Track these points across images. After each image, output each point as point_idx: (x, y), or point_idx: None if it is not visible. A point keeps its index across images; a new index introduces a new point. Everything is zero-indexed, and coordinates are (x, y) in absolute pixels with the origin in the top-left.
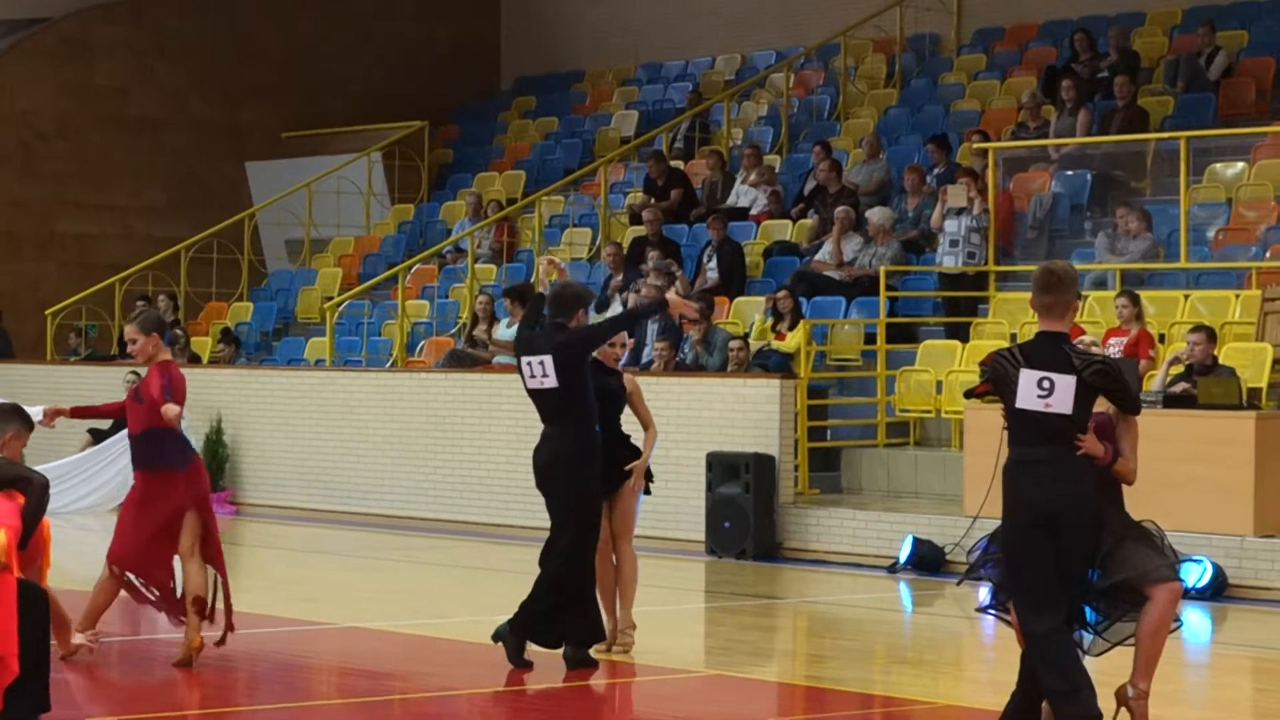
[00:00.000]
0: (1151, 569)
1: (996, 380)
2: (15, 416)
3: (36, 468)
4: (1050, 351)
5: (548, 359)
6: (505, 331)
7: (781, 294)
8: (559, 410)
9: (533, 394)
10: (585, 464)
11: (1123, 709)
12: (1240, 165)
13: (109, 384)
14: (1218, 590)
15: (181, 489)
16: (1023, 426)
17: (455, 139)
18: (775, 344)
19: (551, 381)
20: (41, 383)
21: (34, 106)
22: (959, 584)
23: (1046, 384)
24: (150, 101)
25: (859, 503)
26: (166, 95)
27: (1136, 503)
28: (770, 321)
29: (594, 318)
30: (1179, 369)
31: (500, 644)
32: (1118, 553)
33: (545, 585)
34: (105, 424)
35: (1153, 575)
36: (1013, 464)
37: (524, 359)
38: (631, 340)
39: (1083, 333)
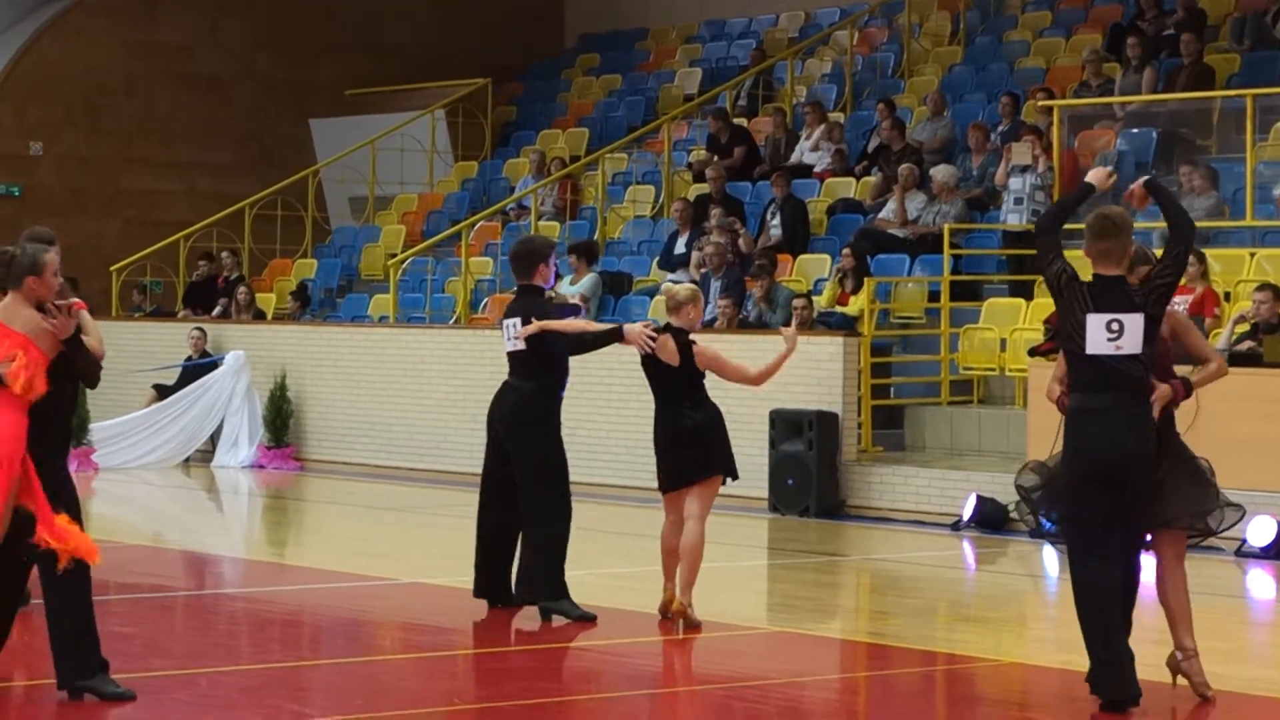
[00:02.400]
0: (1175, 515)
1: (1063, 306)
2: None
3: (102, 423)
4: (1115, 294)
5: (517, 322)
6: (568, 288)
7: (845, 253)
8: (523, 368)
9: (508, 354)
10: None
11: (1179, 676)
12: None
13: (174, 340)
14: None
15: None
16: (1090, 372)
17: (519, 96)
18: (839, 308)
19: (520, 343)
20: (106, 339)
21: (99, 64)
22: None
23: (1116, 326)
24: (215, 59)
25: (922, 460)
26: (231, 52)
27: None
28: (837, 279)
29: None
30: (1244, 327)
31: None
32: (1166, 486)
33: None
34: (170, 379)
35: (1174, 523)
36: (1077, 411)
37: (504, 321)
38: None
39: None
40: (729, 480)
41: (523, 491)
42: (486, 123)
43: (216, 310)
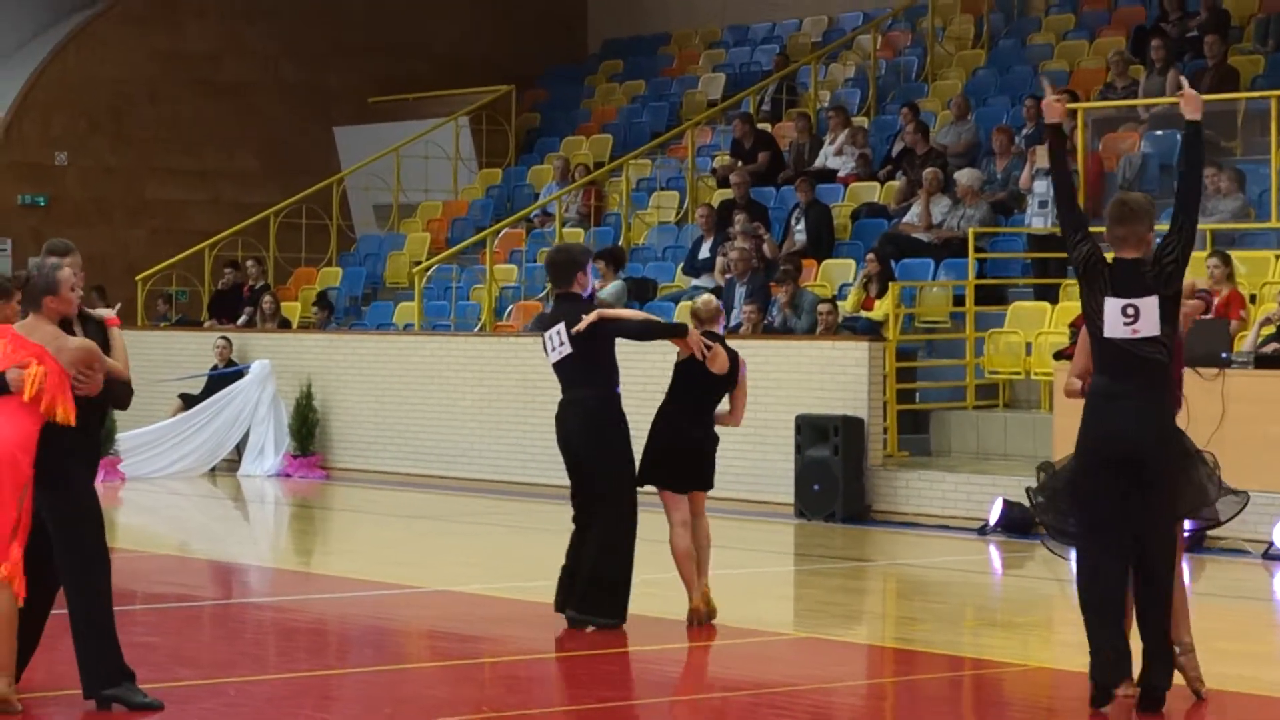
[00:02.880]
0: (1183, 506)
1: (1085, 287)
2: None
3: (128, 433)
4: (1130, 278)
5: (561, 327)
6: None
7: (870, 257)
8: (577, 376)
9: (554, 366)
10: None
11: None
12: None
13: (199, 349)
14: None
15: None
16: (1110, 356)
17: (542, 103)
18: (864, 313)
19: (567, 348)
20: (132, 348)
21: (124, 73)
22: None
23: (1131, 311)
24: (240, 67)
25: (948, 465)
26: (256, 60)
27: (1228, 465)
28: (862, 284)
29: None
30: (1270, 329)
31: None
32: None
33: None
34: (196, 389)
35: (1179, 513)
36: (1096, 395)
37: (544, 334)
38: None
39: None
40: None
41: (596, 506)
42: (510, 129)
43: (242, 319)
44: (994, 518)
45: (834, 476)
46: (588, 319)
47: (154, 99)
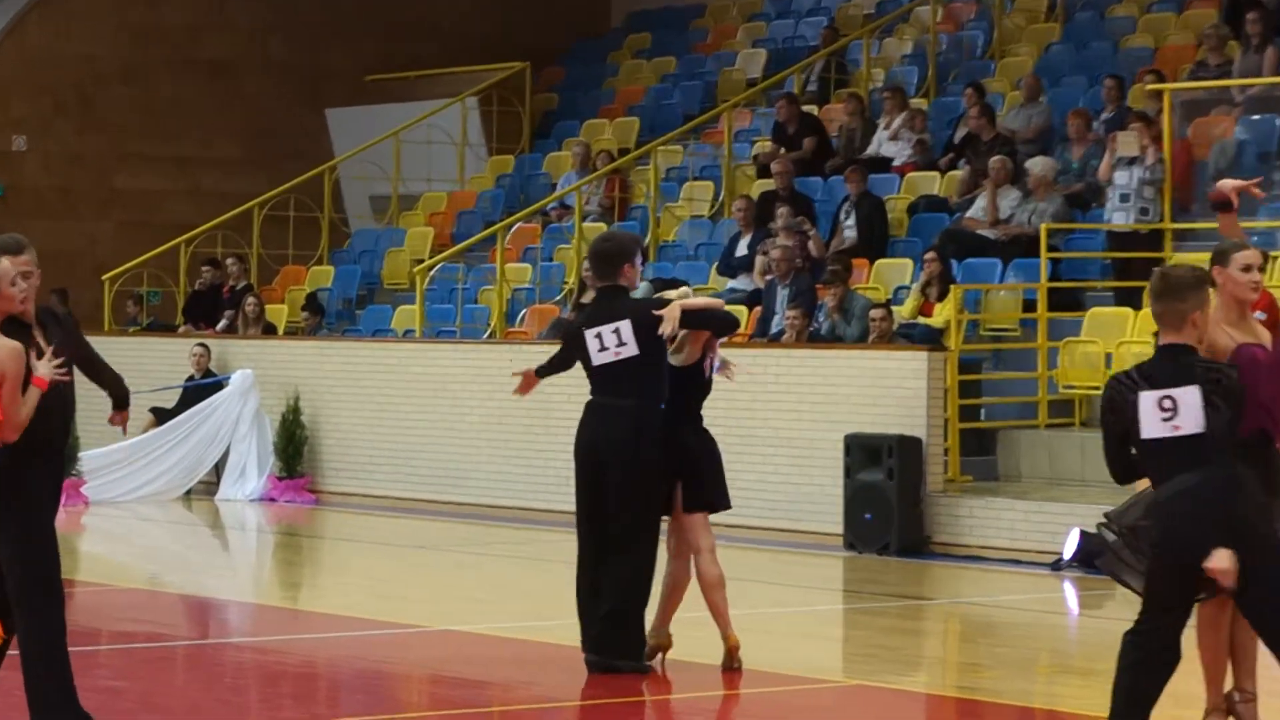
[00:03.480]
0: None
1: (1114, 410)
2: None
3: (93, 451)
4: (1169, 367)
5: (625, 325)
6: None
7: (929, 256)
8: (627, 382)
9: (600, 368)
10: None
11: (1230, 718)
12: None
13: (174, 358)
14: None
15: None
16: (1155, 460)
17: (560, 82)
18: (922, 319)
19: (631, 349)
20: (101, 355)
21: (93, 50)
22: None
23: (1169, 403)
24: (221, 43)
25: (1017, 491)
26: (239, 36)
27: None
28: (920, 287)
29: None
30: None
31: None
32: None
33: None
34: (169, 402)
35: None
36: (1157, 504)
37: (589, 331)
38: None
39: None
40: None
41: (622, 530)
42: (524, 112)
43: (221, 324)
44: (1069, 551)
45: (888, 504)
46: (670, 313)
47: (126, 77)
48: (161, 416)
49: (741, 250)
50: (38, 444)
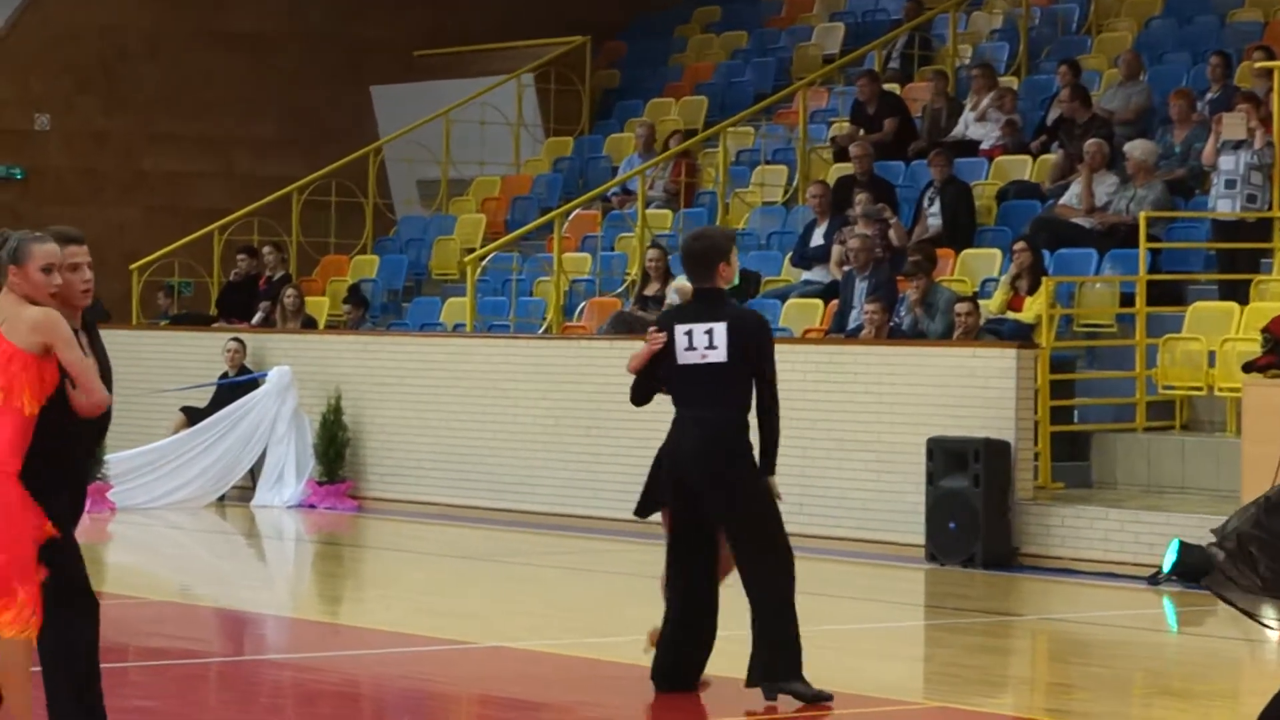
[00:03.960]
0: None
1: None
2: None
3: (120, 454)
4: None
5: (719, 327)
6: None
7: (1019, 247)
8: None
9: (682, 369)
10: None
11: None
12: None
13: (207, 353)
14: None
15: None
16: None
17: (623, 58)
18: (1011, 314)
19: (720, 355)
20: (126, 351)
21: (118, 21)
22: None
23: None
24: (256, 14)
25: (1113, 499)
26: (276, 6)
27: None
28: (1009, 279)
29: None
30: None
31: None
32: None
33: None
34: (202, 401)
35: None
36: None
37: (680, 328)
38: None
39: None
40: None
41: (742, 550)
42: (584, 90)
43: (258, 317)
44: (1168, 564)
45: (973, 512)
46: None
47: (153, 52)
48: (193, 417)
49: (817, 240)
50: (63, 468)
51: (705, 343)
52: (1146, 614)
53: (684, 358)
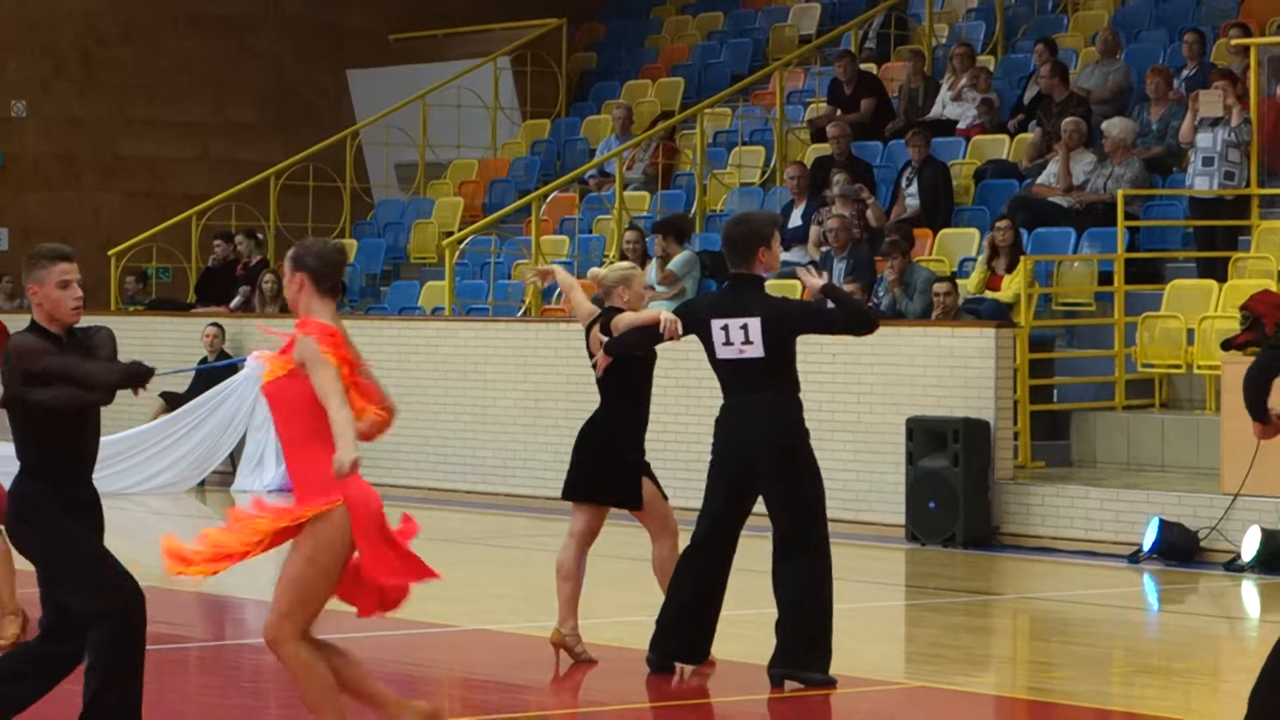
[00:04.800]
0: None
1: None
2: None
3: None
4: None
5: (754, 322)
6: (653, 272)
7: (1002, 225)
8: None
9: (725, 363)
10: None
11: None
12: None
13: (185, 339)
14: None
15: None
16: None
17: (599, 40)
18: (990, 293)
19: (757, 350)
20: None
21: (95, 6)
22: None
23: None
24: None
25: (1093, 478)
26: None
27: None
28: (987, 258)
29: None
30: None
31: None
32: None
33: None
34: (181, 386)
35: None
36: None
37: (715, 322)
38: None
39: None
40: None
41: (786, 534)
42: (561, 72)
43: (236, 302)
44: (1149, 542)
45: (953, 492)
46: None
47: (129, 36)
48: (172, 402)
49: (795, 220)
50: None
51: (741, 338)
52: (1127, 592)
53: (722, 352)
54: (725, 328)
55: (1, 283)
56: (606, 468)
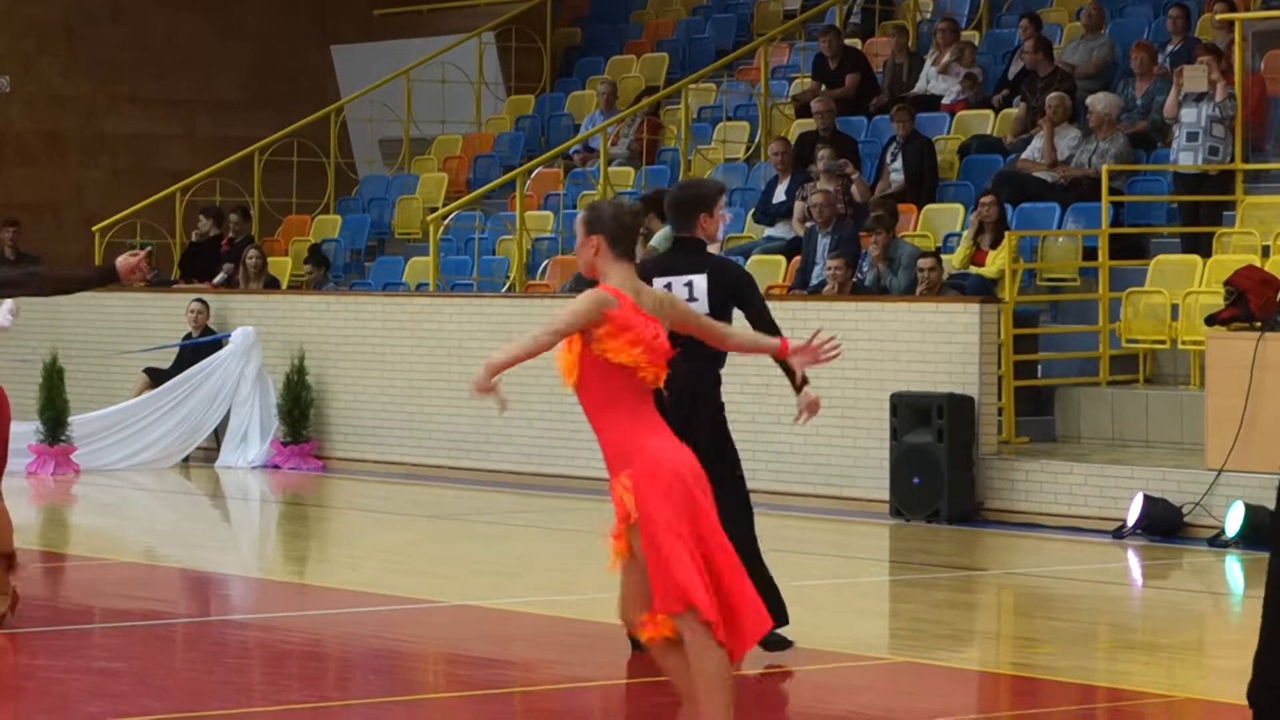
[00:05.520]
0: None
1: None
2: None
3: (83, 416)
4: None
5: (699, 279)
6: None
7: (987, 200)
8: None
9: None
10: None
11: None
12: None
13: (169, 315)
14: None
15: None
16: None
17: (584, 15)
18: (974, 269)
19: (702, 307)
20: (91, 312)
21: None
22: None
23: None
24: None
25: (1077, 453)
26: None
27: None
28: (972, 234)
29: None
30: None
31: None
32: None
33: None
34: (165, 362)
35: None
36: None
37: (659, 280)
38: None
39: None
40: None
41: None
42: (545, 48)
43: (220, 278)
44: (1133, 517)
45: (937, 468)
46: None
47: (115, 13)
48: (157, 378)
49: (779, 196)
50: None
51: (685, 295)
52: (1111, 568)
53: None
54: (669, 285)
55: None
56: None
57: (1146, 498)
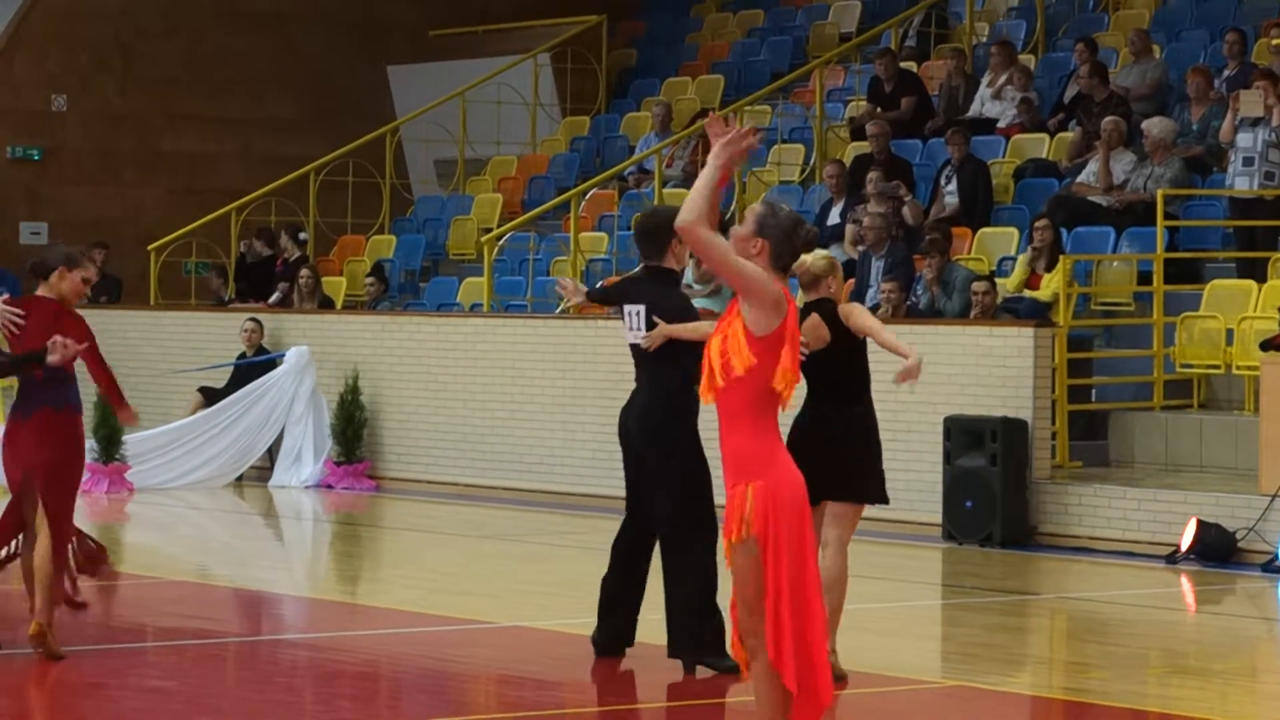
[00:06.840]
0: None
1: None
2: None
3: (138, 434)
4: None
5: (641, 310)
6: (689, 276)
7: (1041, 224)
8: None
9: (631, 346)
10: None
11: None
12: None
13: (224, 334)
14: None
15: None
16: None
17: (639, 37)
18: (1029, 293)
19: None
20: (145, 330)
21: (136, 1)
22: None
23: None
24: None
25: (1130, 478)
26: None
27: None
28: (1027, 258)
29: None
30: None
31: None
32: None
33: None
34: (219, 381)
35: None
36: None
37: (627, 308)
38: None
39: None
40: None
41: (660, 517)
42: (600, 69)
43: (275, 297)
44: (1186, 542)
45: (991, 491)
46: (654, 335)
47: (171, 31)
48: (211, 397)
49: (833, 219)
50: None
51: (634, 324)
52: (1164, 593)
53: (627, 336)
54: (628, 313)
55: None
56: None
57: (1200, 523)
